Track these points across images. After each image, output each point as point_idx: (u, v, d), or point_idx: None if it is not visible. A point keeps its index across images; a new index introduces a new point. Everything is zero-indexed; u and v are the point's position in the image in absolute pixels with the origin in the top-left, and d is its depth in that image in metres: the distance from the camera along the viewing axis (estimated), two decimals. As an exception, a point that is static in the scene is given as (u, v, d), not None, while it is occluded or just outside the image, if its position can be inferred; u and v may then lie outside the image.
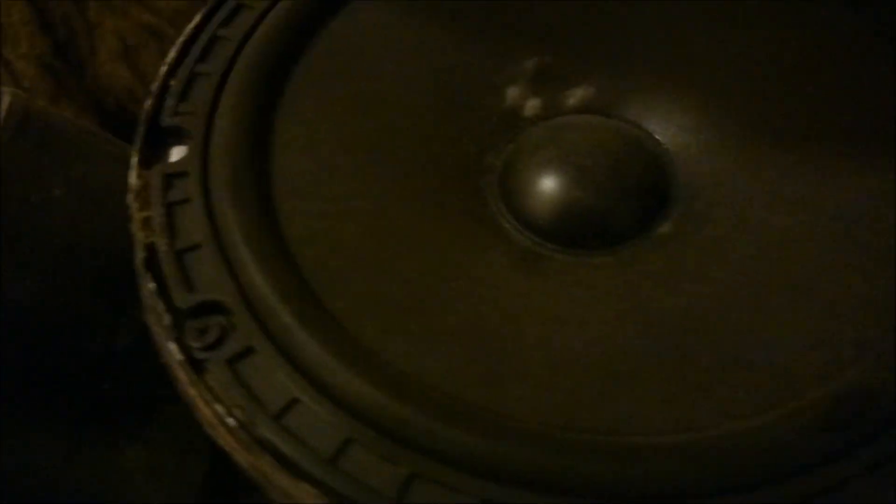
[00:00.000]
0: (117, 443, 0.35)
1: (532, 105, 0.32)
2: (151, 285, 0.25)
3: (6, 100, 0.33)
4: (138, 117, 0.29)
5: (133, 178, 0.27)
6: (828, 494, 0.21)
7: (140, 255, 0.25)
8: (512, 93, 0.32)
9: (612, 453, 0.21)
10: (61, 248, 0.34)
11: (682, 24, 0.31)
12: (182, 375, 0.23)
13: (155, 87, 0.30)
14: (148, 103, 0.29)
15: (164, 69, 0.30)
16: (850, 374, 0.22)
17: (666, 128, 0.31)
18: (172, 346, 0.23)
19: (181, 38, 0.31)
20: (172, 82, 0.30)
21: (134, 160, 0.28)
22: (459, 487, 0.21)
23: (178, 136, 0.28)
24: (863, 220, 0.26)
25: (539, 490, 0.21)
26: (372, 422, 0.22)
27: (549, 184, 0.30)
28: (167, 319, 0.24)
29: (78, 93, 0.50)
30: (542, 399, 0.23)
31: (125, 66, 0.50)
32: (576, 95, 0.32)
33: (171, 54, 0.30)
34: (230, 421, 0.22)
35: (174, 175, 0.27)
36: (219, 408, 0.23)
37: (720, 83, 0.30)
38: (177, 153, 0.28)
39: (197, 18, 0.31)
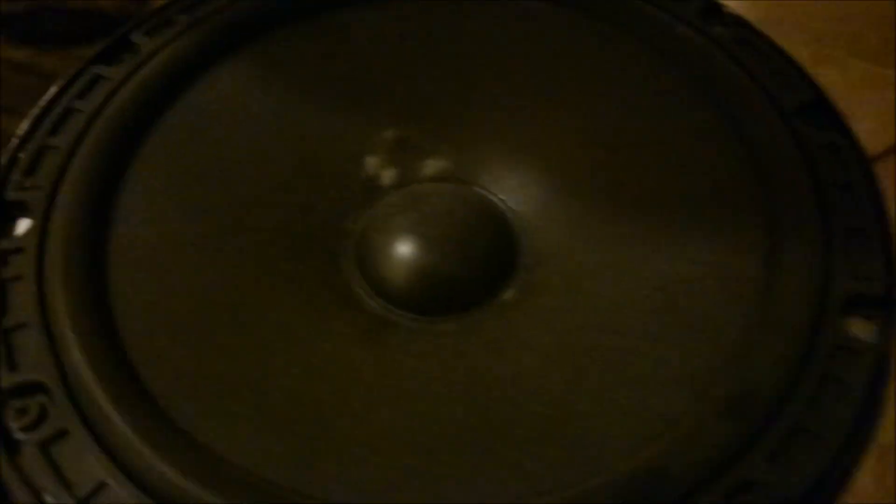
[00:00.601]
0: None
1: (389, 174, 0.33)
2: (-23, 364, 0.25)
3: None
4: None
5: (-29, 252, 0.28)
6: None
7: (-32, 332, 0.26)
8: (370, 162, 0.33)
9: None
10: None
11: (532, 100, 0.33)
12: (-1, 456, 0.23)
13: (3, 159, 0.30)
14: (-8, 176, 0.30)
15: (14, 142, 0.30)
16: (651, 450, 0.23)
17: (516, 198, 0.32)
18: (-8, 427, 0.24)
19: (35, 111, 0.31)
20: (21, 155, 0.30)
21: (-23, 234, 0.28)
22: (260, 571, 0.21)
23: (22, 210, 0.29)
24: (684, 290, 0.27)
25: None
26: (176, 507, 0.22)
27: (400, 251, 0.30)
28: (-10, 399, 0.24)
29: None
30: (352, 479, 0.23)
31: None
32: (432, 165, 0.33)
33: (24, 126, 0.31)
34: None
35: (10, 251, 0.27)
36: (30, 490, 0.23)
37: (566, 156, 0.32)
38: (22, 227, 0.29)
39: (53, 90, 0.32)
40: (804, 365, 0.25)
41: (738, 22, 0.33)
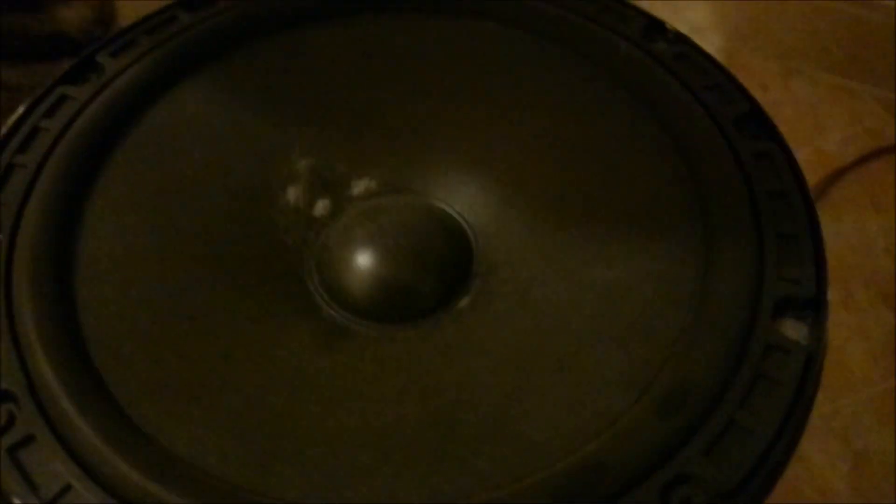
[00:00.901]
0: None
1: (348, 186, 0.34)
2: (-56, 374, 0.26)
3: None
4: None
5: (-60, 267, 0.28)
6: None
7: (-63, 344, 0.26)
8: (327, 175, 0.34)
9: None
10: None
11: (485, 116, 0.34)
12: (-33, 462, 0.24)
13: (-29, 177, 0.31)
14: (-38, 194, 0.30)
15: (-18, 160, 0.31)
16: (591, 446, 0.25)
17: (470, 209, 0.33)
18: (-42, 434, 0.25)
19: (3, 130, 0.32)
20: (-11, 173, 0.31)
21: (-55, 249, 0.29)
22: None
23: (-11, 228, 0.30)
24: (625, 295, 0.29)
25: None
26: (137, 506, 0.23)
27: (358, 262, 0.32)
28: (-44, 407, 0.25)
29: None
30: (308, 478, 0.24)
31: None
32: (387, 178, 0.34)
33: (-9, 145, 0.32)
34: (7, 508, 0.23)
35: (-23, 267, 0.28)
36: (-2, 495, 0.24)
37: (517, 169, 0.33)
38: (-10, 243, 0.29)
39: (20, 110, 0.33)
40: (738, 364, 0.26)
41: (679, 38, 0.35)
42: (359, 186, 0.34)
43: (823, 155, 1.16)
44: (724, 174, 0.30)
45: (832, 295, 0.28)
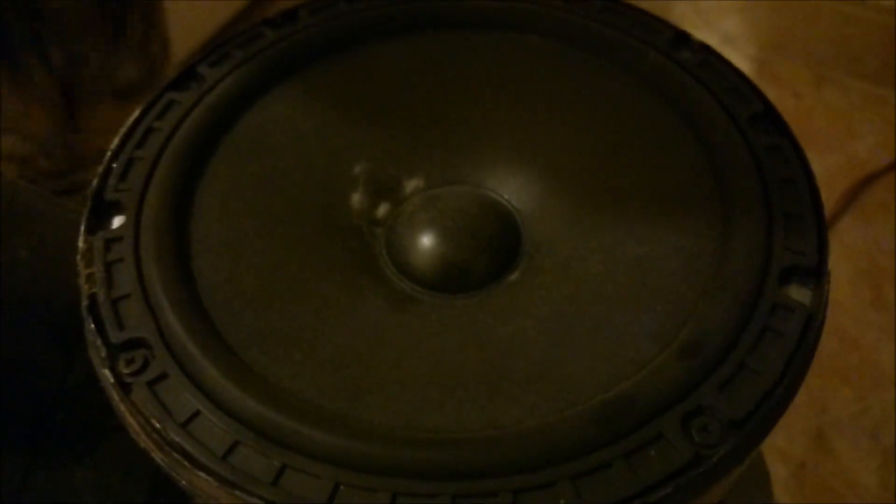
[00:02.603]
0: (69, 466, 0.41)
1: (411, 179, 0.40)
2: (92, 326, 0.31)
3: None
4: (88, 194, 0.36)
5: (80, 243, 0.34)
6: (594, 472, 0.27)
7: (84, 303, 0.32)
8: (395, 169, 0.39)
9: (434, 444, 0.28)
10: (23, 300, 0.41)
11: (530, 117, 0.39)
12: (114, 395, 0.30)
13: (100, 169, 0.37)
14: (95, 182, 0.36)
15: (108, 154, 0.37)
16: (622, 386, 0.30)
17: (518, 197, 0.38)
18: (107, 373, 0.30)
19: (123, 129, 0.38)
20: (114, 165, 0.37)
21: (82, 228, 0.35)
22: (320, 474, 0.28)
23: (118, 209, 0.35)
24: (653, 266, 0.34)
25: (379, 473, 0.27)
26: (255, 427, 0.28)
27: (422, 242, 0.37)
28: (103, 352, 0.31)
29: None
30: (389, 407, 0.30)
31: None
32: (447, 171, 0.40)
33: (115, 142, 0.38)
34: (149, 428, 0.29)
35: (112, 240, 0.34)
36: (141, 419, 0.29)
37: (558, 162, 0.38)
38: (117, 221, 0.35)
39: (136, 113, 0.39)
40: (748, 319, 0.31)
41: (702, 48, 0.40)
42: (420, 179, 0.40)
43: (855, 161, 1.20)
44: (739, 164, 0.35)
45: (863, 296, 0.32)
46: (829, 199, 1.12)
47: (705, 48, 0.40)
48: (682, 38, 0.40)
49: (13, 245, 0.41)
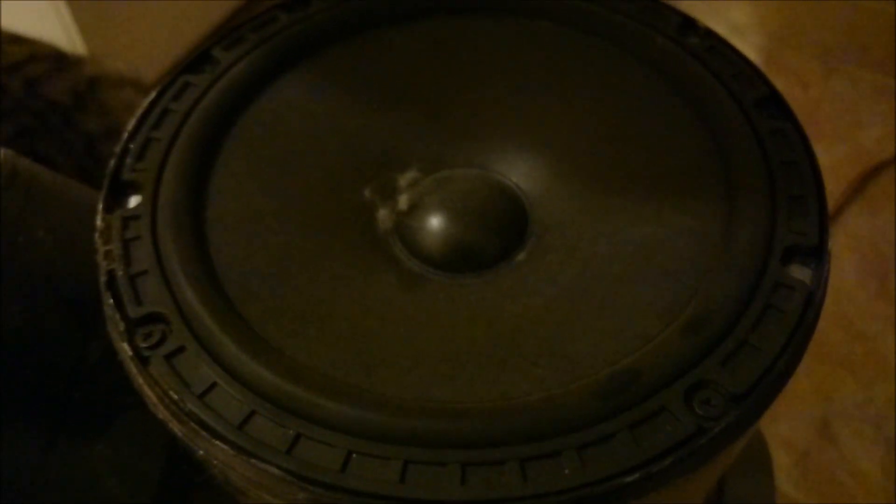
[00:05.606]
0: (86, 442, 0.42)
1: (421, 161, 0.40)
2: (110, 301, 0.32)
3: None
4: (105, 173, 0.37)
5: (98, 221, 0.35)
6: (599, 443, 0.28)
7: (102, 279, 0.33)
8: (406, 152, 0.40)
9: (445, 414, 0.29)
10: (43, 280, 0.42)
11: (539, 101, 0.40)
12: (132, 368, 0.31)
13: (118, 149, 0.38)
14: (112, 162, 0.37)
15: (125, 135, 0.38)
16: (628, 360, 0.30)
17: (526, 180, 0.39)
18: (125, 346, 0.31)
19: (139, 111, 0.39)
20: (131, 146, 0.38)
21: (99, 206, 0.36)
22: (333, 443, 0.29)
23: (135, 188, 0.36)
24: (661, 247, 0.34)
25: (391, 442, 0.28)
26: (270, 398, 0.29)
27: (431, 223, 0.38)
28: (122, 326, 0.32)
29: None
30: (401, 380, 0.30)
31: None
32: (456, 154, 0.40)
33: (132, 123, 0.38)
34: (167, 400, 0.30)
35: (130, 218, 0.35)
36: (159, 390, 0.30)
37: (566, 146, 0.39)
38: (134, 201, 0.36)
39: (152, 94, 0.40)
40: (751, 297, 0.32)
41: (709, 34, 0.41)
42: (430, 162, 0.40)
43: (862, 151, 1.20)
44: (744, 147, 0.36)
45: (868, 286, 0.33)
46: (836, 189, 1.13)
47: (711, 34, 0.41)
48: (689, 23, 0.41)
49: (32, 225, 0.42)
